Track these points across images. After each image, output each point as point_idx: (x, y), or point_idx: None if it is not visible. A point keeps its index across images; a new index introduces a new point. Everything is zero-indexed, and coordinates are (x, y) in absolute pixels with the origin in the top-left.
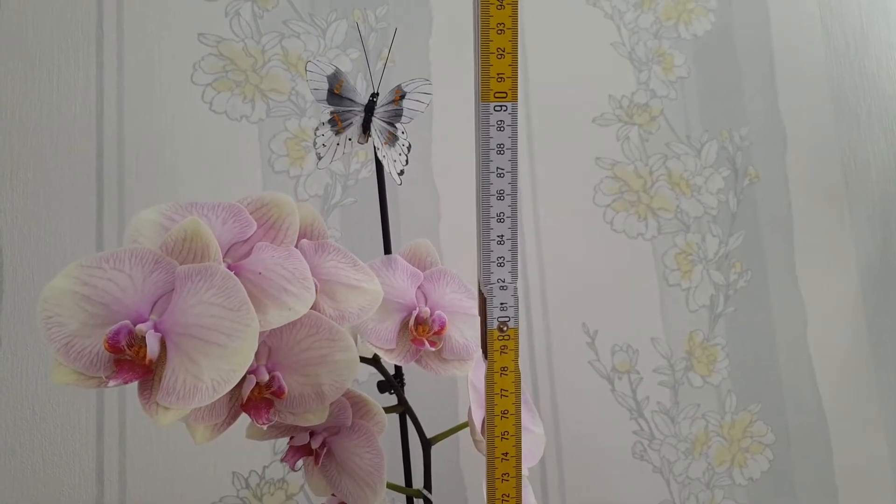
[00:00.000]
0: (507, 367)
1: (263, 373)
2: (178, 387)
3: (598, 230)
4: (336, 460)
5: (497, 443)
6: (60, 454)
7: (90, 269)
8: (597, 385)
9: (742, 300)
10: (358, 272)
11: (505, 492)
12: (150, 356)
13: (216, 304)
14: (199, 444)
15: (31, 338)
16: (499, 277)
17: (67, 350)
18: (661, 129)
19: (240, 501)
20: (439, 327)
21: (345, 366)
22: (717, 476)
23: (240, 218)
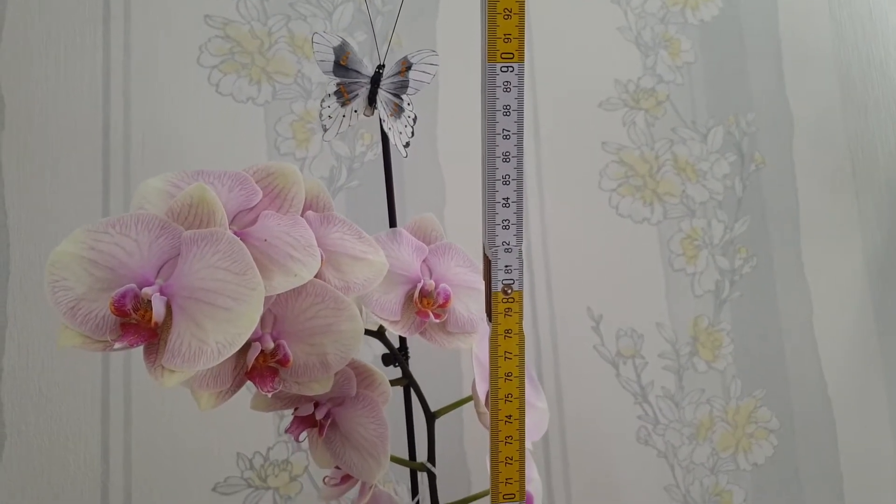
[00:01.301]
0: (512, 330)
1: (268, 341)
2: (184, 349)
3: (603, 215)
4: (340, 431)
5: (501, 405)
6: (66, 435)
7: (97, 233)
8: (601, 369)
9: (747, 286)
10: (363, 244)
11: (508, 454)
12: (155, 319)
13: (222, 269)
14: (203, 410)
15: (37, 319)
16: (503, 240)
17: (74, 313)
18: (667, 114)
19: (244, 482)
20: (444, 300)
21: (350, 335)
22: (721, 461)
23: (246, 186)
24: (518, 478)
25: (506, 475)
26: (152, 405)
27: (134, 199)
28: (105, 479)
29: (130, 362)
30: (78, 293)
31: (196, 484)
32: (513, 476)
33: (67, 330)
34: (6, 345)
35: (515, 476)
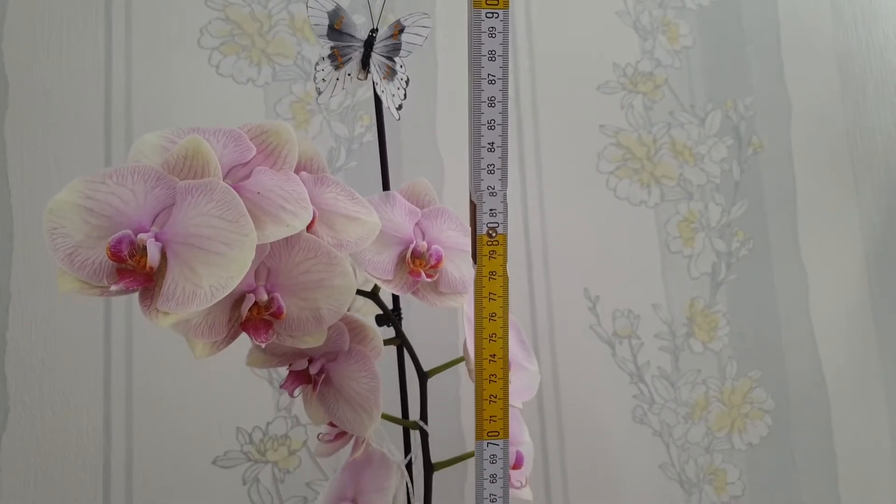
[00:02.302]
0: (496, 272)
1: (262, 293)
2: (178, 293)
3: (600, 197)
4: (334, 386)
5: (486, 344)
6: (69, 407)
7: (94, 183)
8: (598, 349)
9: (744, 268)
10: (356, 204)
11: (492, 392)
12: (150, 264)
13: (215, 216)
14: (198, 358)
15: (40, 294)
16: (489, 185)
17: (71, 260)
18: (665, 98)
19: (243, 456)
20: (436, 261)
21: (342, 291)
22: (716, 441)
23: (240, 143)
24: (502, 416)
25: (490, 413)
26: (154, 379)
27: (130, 154)
28: (107, 450)
29: (132, 336)
30: (75, 240)
31: (196, 457)
32: (497, 414)
33: (66, 275)
34: (10, 319)
35: (499, 414)
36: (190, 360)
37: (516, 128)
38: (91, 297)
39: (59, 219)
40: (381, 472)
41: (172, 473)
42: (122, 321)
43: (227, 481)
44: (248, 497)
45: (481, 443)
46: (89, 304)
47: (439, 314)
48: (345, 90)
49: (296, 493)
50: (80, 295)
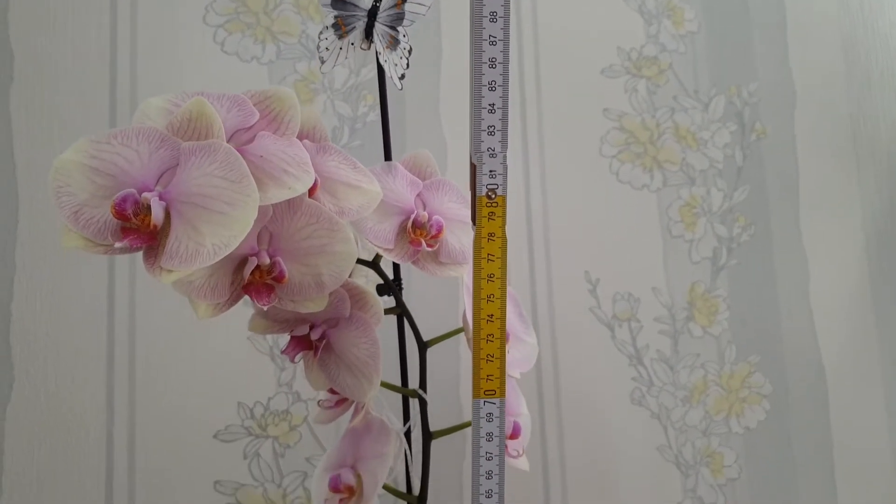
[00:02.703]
0: (495, 233)
1: (265, 256)
2: (181, 251)
3: (603, 180)
4: (334, 352)
5: (483, 305)
6: (73, 379)
7: (99, 143)
8: (597, 332)
9: (745, 254)
10: (358, 173)
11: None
12: (154, 222)
13: (219, 177)
14: (201, 318)
15: (45, 266)
16: (489, 146)
17: (76, 218)
18: (669, 83)
19: (244, 430)
20: (436, 231)
21: (344, 257)
22: (714, 424)
23: (244, 107)
24: (499, 375)
25: (487, 372)
26: (156, 353)
27: (135, 116)
28: (110, 423)
29: (135, 309)
30: (80, 199)
31: (197, 431)
32: (493, 373)
33: (70, 232)
34: (14, 290)
35: (496, 373)
36: (193, 335)
37: (520, 109)
38: (95, 270)
39: (65, 177)
40: (381, 439)
41: (174, 446)
42: (125, 293)
43: (228, 455)
44: (249, 471)
45: (478, 401)
46: (93, 276)
47: (439, 286)
48: (349, 69)
49: (296, 468)
50: (85, 253)
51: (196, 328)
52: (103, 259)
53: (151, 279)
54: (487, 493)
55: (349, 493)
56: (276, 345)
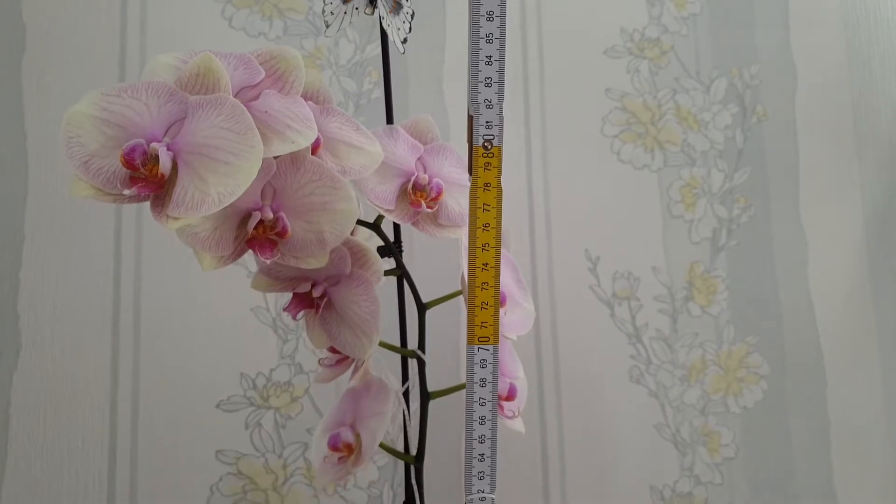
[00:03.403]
0: (490, 184)
1: (268, 211)
2: (187, 199)
3: (605, 160)
4: (335, 310)
5: (478, 254)
6: (78, 348)
7: (109, 96)
8: (597, 310)
9: (744, 235)
10: (360, 135)
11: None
12: (161, 171)
13: (225, 128)
14: (205, 270)
15: (53, 236)
16: (486, 98)
17: (87, 167)
18: (671, 64)
19: (246, 401)
20: (436, 193)
21: (345, 215)
22: (711, 403)
23: (250, 66)
24: (492, 322)
25: (481, 319)
26: (161, 323)
27: (144, 72)
28: (114, 394)
29: (141, 280)
30: (90, 149)
31: (200, 400)
32: (487, 320)
33: (80, 181)
34: (23, 260)
35: (490, 320)
36: (196, 307)
37: (522, 87)
38: (102, 242)
39: (76, 128)
40: (380, 398)
41: (177, 415)
42: (131, 265)
43: (230, 425)
44: (251, 441)
45: (472, 347)
46: (100, 248)
47: (439, 249)
48: (355, 45)
49: (297, 439)
50: (92, 224)
51: (200, 300)
52: (110, 230)
53: (157, 253)
54: (480, 439)
55: (348, 452)
56: (279, 317)
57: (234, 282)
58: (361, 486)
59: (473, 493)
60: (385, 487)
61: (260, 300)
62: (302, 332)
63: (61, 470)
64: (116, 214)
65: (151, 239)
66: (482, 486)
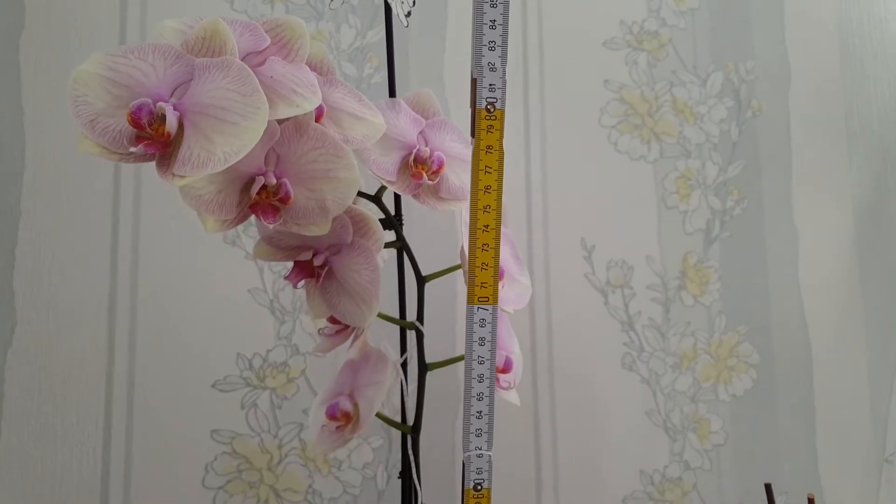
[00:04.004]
0: (493, 146)
1: (272, 177)
2: (193, 159)
3: (601, 150)
4: (336, 279)
5: (480, 215)
6: (75, 324)
7: (116, 57)
8: (591, 297)
9: (737, 226)
10: (363, 106)
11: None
12: (168, 130)
13: (231, 90)
14: (209, 232)
15: (49, 213)
16: (489, 61)
17: (93, 126)
18: (668, 57)
19: (242, 381)
20: (437, 166)
21: (347, 184)
22: (701, 391)
23: (255, 32)
24: (492, 283)
25: (481, 279)
26: (158, 301)
27: (150, 38)
28: (110, 367)
29: (138, 258)
30: (97, 108)
31: (196, 379)
32: (487, 281)
33: (87, 139)
34: (19, 236)
35: (490, 281)
36: (194, 287)
37: (522, 77)
38: (99, 217)
39: (82, 87)
40: (378, 368)
41: (172, 394)
42: (128, 242)
43: (226, 405)
44: (246, 421)
45: (472, 307)
46: (97, 224)
47: (438, 223)
48: (356, 31)
49: (292, 420)
50: (89, 199)
51: (197, 280)
52: (108, 205)
53: (154, 233)
54: (478, 396)
55: (346, 420)
56: (276, 298)
57: (232, 263)
58: (356, 468)
59: (471, 450)
60: (379, 469)
61: (257, 282)
62: (299, 314)
63: (55, 447)
64: (114, 193)
65: (149, 218)
66: (479, 442)
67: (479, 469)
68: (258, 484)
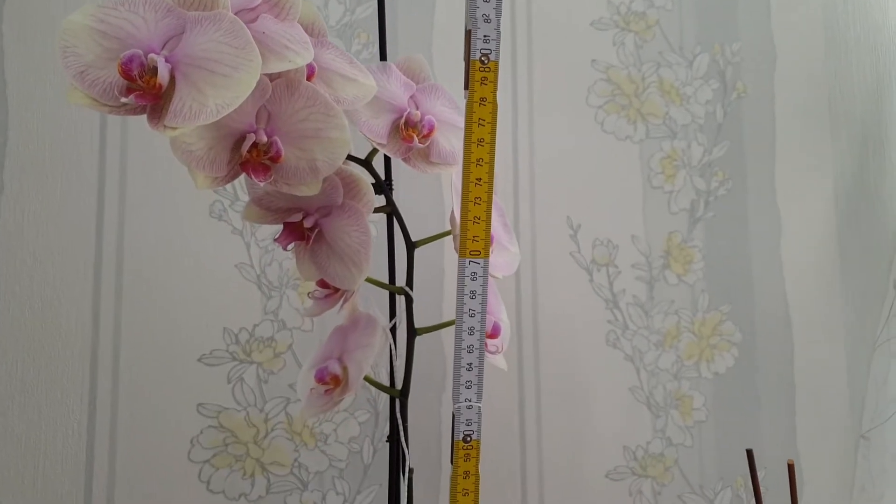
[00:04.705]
0: (486, 98)
1: (262, 135)
2: (185, 110)
3: (588, 130)
4: (326, 242)
5: (472, 168)
6: (59, 298)
7: (106, 9)
8: (576, 275)
9: (721, 207)
10: (354, 68)
11: (476, 214)
12: (160, 82)
13: (223, 43)
14: (199, 188)
15: (33, 185)
16: (483, 13)
17: (83, 78)
18: (655, 38)
19: (229, 355)
20: (428, 130)
21: (338, 144)
22: (684, 368)
23: None
24: (484, 237)
25: (473, 233)
26: (144, 276)
27: None
28: (95, 343)
29: (124, 232)
30: (87, 60)
31: (182, 353)
32: (479, 234)
33: (77, 90)
34: (2, 210)
35: (482, 235)
36: (181, 261)
37: (510, 56)
38: (84, 191)
39: (72, 38)
40: (367, 332)
41: (158, 368)
42: (114, 215)
43: (212, 379)
44: (232, 395)
45: (464, 260)
46: (82, 198)
47: (428, 188)
48: (345, 7)
49: (279, 394)
50: (74, 173)
51: (184, 255)
52: (93, 179)
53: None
54: (469, 349)
55: (335, 384)
56: (263, 273)
57: (219, 238)
58: (342, 441)
59: (461, 402)
60: (365, 443)
61: (244, 257)
62: (286, 289)
63: (39, 421)
64: (100, 166)
65: (135, 193)
66: (469, 394)
67: (469, 420)
68: (244, 457)
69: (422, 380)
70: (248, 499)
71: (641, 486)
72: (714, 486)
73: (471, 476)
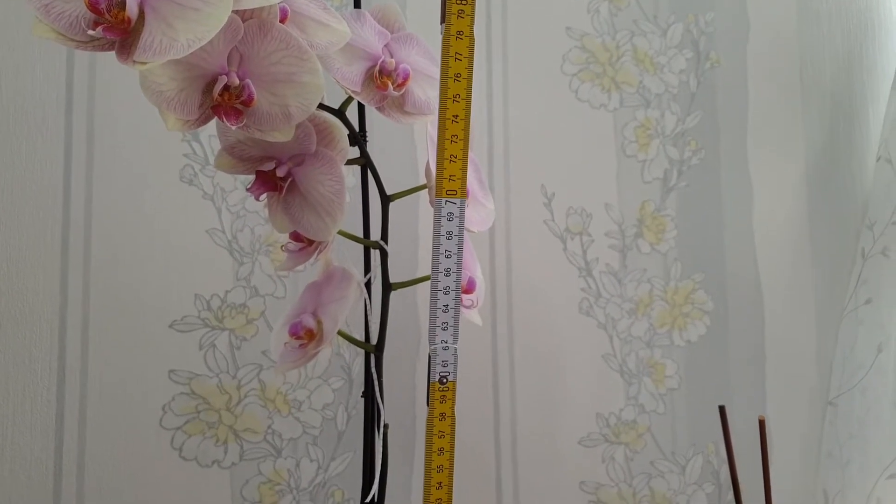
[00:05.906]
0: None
1: (234, 77)
2: (155, 45)
3: (563, 98)
4: (299, 192)
5: (449, 105)
6: (25, 265)
7: None
8: (550, 243)
9: (694, 176)
10: (328, 13)
11: (453, 153)
12: (128, 15)
13: None
14: (170, 129)
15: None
16: None
17: (47, 11)
18: (630, 7)
19: (201, 322)
20: (402, 79)
21: (311, 89)
22: (657, 336)
23: None
24: (460, 176)
25: (449, 172)
26: (113, 243)
27: None
28: (63, 309)
29: (91, 197)
30: None
31: (153, 320)
32: (455, 173)
33: (42, 24)
34: None
35: (458, 174)
36: (151, 227)
37: (485, 22)
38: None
39: None
40: (342, 285)
41: (128, 334)
42: (81, 180)
43: (184, 345)
44: (204, 361)
45: (440, 200)
46: (49, 164)
47: (402, 141)
48: None
49: (252, 361)
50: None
51: (153, 220)
52: (59, 148)
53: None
54: (445, 290)
55: (309, 338)
56: (234, 239)
57: (189, 203)
58: (316, 408)
59: (437, 343)
60: (339, 409)
61: (216, 222)
62: (258, 255)
63: (7, 387)
64: (66, 126)
65: (103, 156)
66: (445, 336)
67: (445, 362)
68: (217, 424)
69: (397, 335)
70: (221, 466)
71: (614, 452)
72: (686, 453)
73: (447, 418)
